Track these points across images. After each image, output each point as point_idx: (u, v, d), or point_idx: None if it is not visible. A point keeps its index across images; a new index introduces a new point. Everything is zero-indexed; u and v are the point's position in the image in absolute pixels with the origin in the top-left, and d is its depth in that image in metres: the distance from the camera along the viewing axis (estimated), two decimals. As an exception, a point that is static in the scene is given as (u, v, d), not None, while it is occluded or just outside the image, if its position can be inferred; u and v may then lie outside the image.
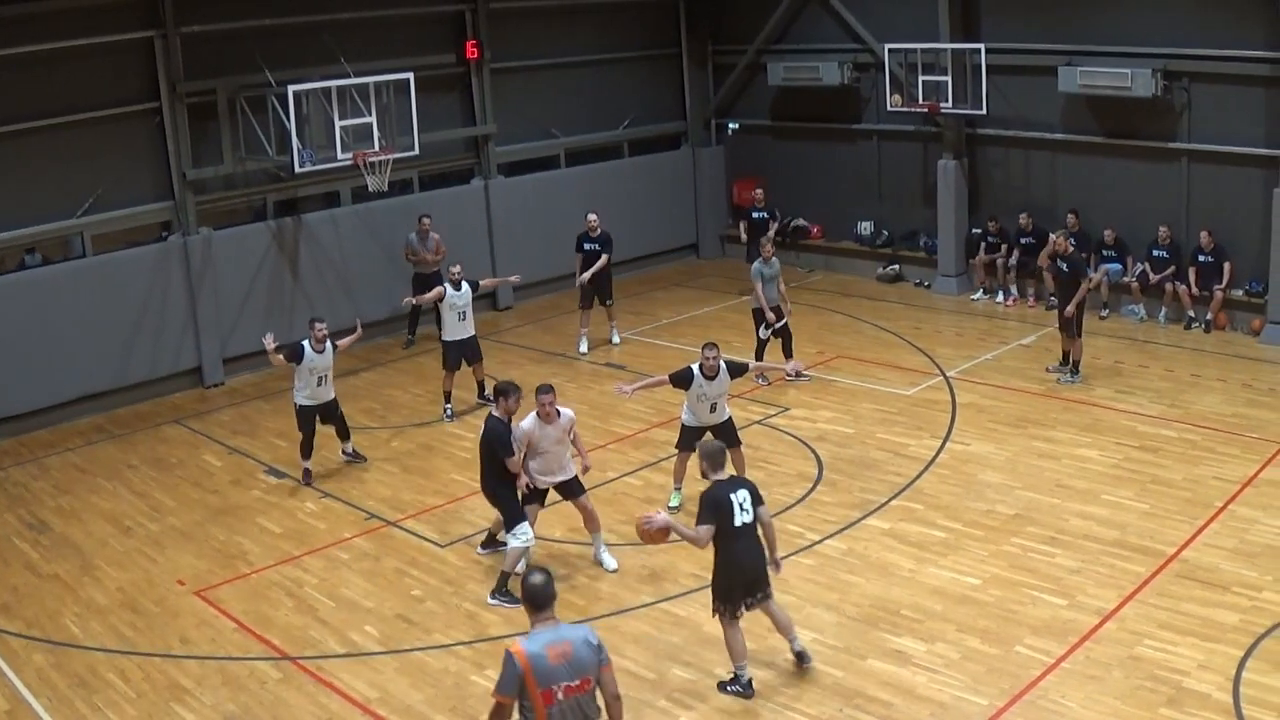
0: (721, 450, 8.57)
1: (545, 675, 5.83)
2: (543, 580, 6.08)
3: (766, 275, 14.99)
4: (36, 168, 14.87)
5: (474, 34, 18.95)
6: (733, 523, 8.10)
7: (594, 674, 5.97)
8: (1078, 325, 14.42)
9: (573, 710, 5.93)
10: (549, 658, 5.85)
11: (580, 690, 5.92)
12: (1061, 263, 14.55)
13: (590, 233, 16.81)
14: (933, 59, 18.25)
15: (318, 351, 12.52)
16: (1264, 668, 8.25)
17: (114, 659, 9.38)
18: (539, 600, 6.05)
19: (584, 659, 5.93)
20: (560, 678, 5.85)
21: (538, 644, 5.91)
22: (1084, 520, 10.79)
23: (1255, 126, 15.88)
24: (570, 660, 5.89)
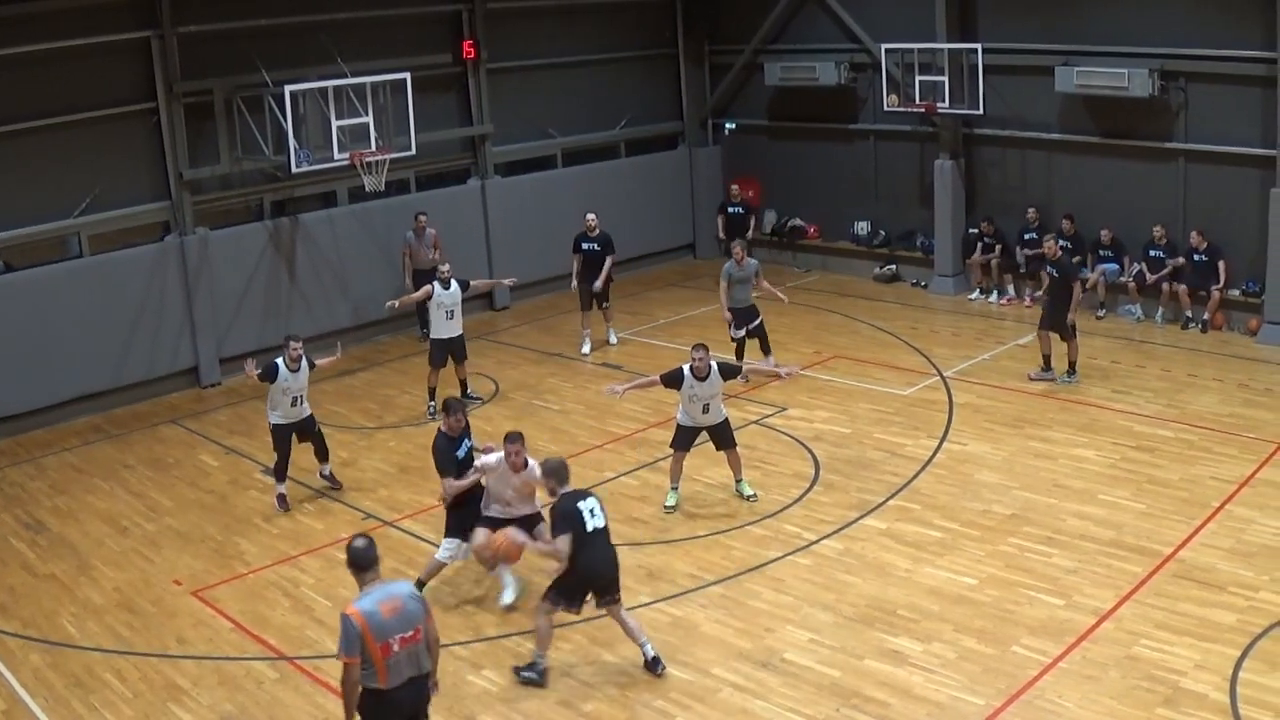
0: (564, 465, 8.72)
1: (381, 630, 6.37)
2: (365, 544, 6.61)
3: (735, 278, 15.06)
4: (33, 168, 14.85)
5: (471, 34, 18.95)
6: (585, 529, 8.37)
7: (424, 624, 6.54)
8: (1073, 327, 14.42)
9: (408, 660, 6.50)
10: (383, 613, 6.39)
11: (414, 640, 6.50)
12: (1051, 268, 14.57)
13: (589, 233, 16.67)
14: (929, 59, 18.26)
15: (292, 370, 11.84)
16: (1261, 668, 8.26)
17: (111, 659, 9.37)
18: (362, 562, 6.57)
19: (412, 611, 6.52)
20: (395, 630, 6.41)
21: (370, 602, 6.44)
22: (1081, 520, 10.80)
23: (1252, 126, 15.89)
24: (401, 613, 6.44)
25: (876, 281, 20.36)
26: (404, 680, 6.54)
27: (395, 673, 6.47)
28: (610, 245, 16.77)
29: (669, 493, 11.66)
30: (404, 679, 6.53)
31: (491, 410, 14.90)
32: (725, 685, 8.57)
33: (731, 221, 19.74)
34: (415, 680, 6.61)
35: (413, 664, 6.55)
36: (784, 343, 16.92)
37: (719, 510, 11.56)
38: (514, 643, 9.32)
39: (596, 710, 8.35)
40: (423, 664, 6.63)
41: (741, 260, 15.12)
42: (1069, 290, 14.31)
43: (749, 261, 15.23)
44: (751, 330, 15.17)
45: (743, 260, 15.13)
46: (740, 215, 19.77)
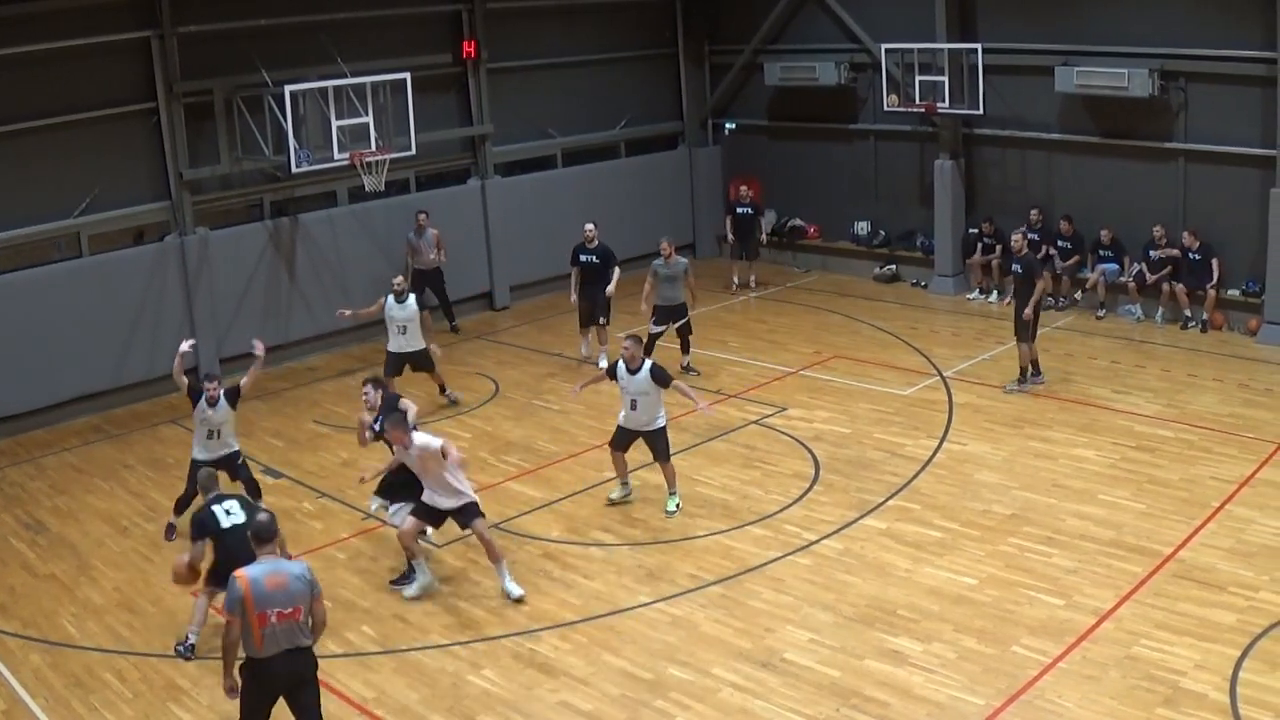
0: (211, 476, 9.47)
1: (261, 599, 6.82)
2: (267, 519, 7.20)
3: (661, 275, 15.13)
4: (33, 168, 14.84)
5: (471, 34, 18.95)
6: (221, 526, 8.93)
7: (305, 604, 6.97)
8: (1032, 330, 14.16)
9: (285, 634, 6.91)
10: (266, 585, 6.84)
11: (292, 617, 6.91)
12: (1016, 264, 14.39)
13: (587, 244, 15.91)
14: (929, 59, 18.26)
15: (210, 404, 11.10)
16: (1261, 668, 8.26)
17: (111, 659, 9.37)
18: (262, 535, 7.11)
19: (296, 590, 6.92)
20: (274, 603, 6.84)
21: (258, 572, 6.93)
22: (1081, 520, 10.80)
23: (1252, 126, 15.89)
24: (284, 589, 6.88)
25: (876, 281, 20.36)
26: (279, 650, 6.95)
27: (271, 642, 6.91)
28: (611, 257, 15.88)
29: (617, 485, 11.80)
30: (279, 649, 6.95)
31: (491, 410, 14.91)
32: (725, 685, 8.57)
33: (740, 222, 19.73)
34: (291, 653, 7.00)
35: (289, 638, 6.96)
36: (784, 343, 16.96)
37: (719, 510, 11.56)
38: (514, 643, 9.32)
39: (596, 710, 8.36)
40: (300, 639, 7.02)
41: (669, 257, 15.20)
42: (1032, 287, 14.04)
43: (677, 259, 15.29)
44: (679, 327, 15.21)
45: (670, 258, 15.21)
46: (749, 216, 19.74)
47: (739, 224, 19.74)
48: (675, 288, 15.20)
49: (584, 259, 15.92)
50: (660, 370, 11.32)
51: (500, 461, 13.17)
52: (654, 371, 11.24)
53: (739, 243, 19.87)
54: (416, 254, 17.68)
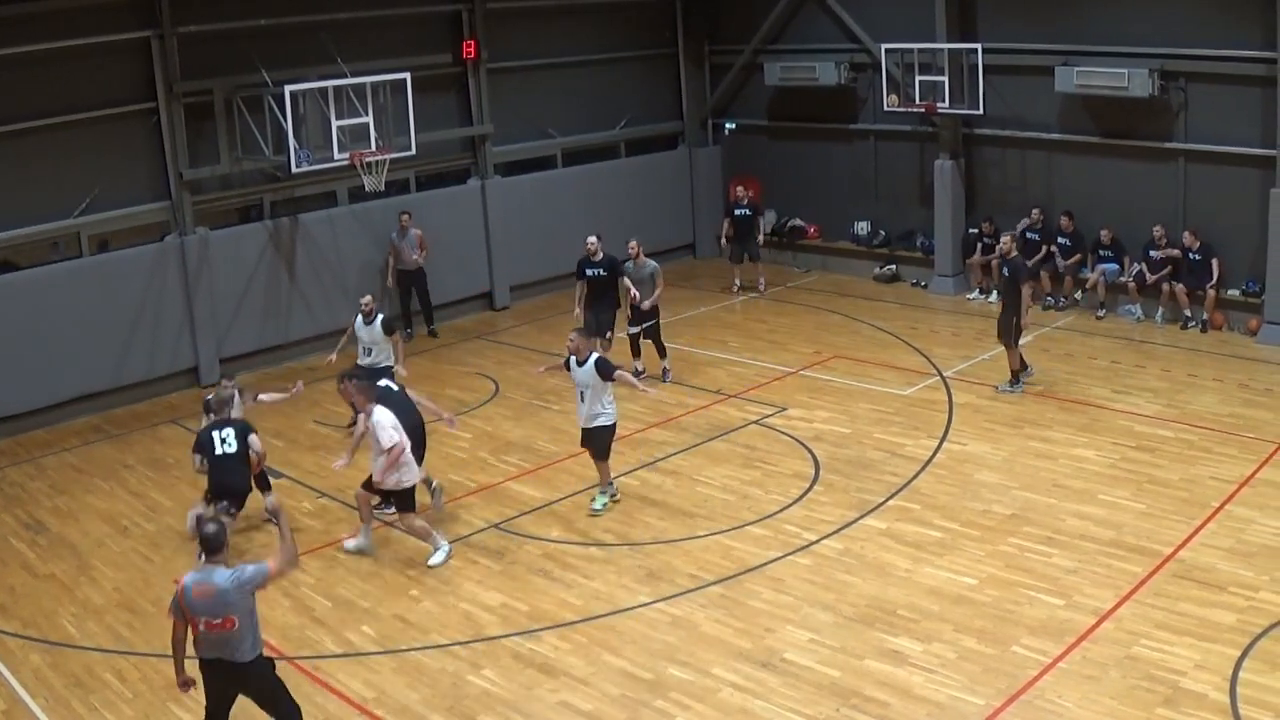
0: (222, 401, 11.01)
1: (191, 606, 6.98)
2: (214, 530, 7.17)
3: (631, 276, 15.11)
4: (33, 168, 14.85)
5: (471, 34, 18.95)
6: (214, 452, 10.46)
7: (240, 614, 6.97)
8: (1015, 333, 14.13)
9: (217, 642, 7.03)
10: (194, 593, 6.97)
11: (222, 628, 6.97)
12: (1003, 266, 14.40)
13: (591, 257, 15.20)
14: (929, 59, 18.26)
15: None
16: (1261, 668, 8.26)
17: (111, 659, 9.37)
18: (208, 546, 7.16)
19: (223, 601, 6.94)
20: (202, 612, 6.95)
21: (190, 580, 7.05)
22: (1081, 520, 10.80)
23: (1252, 126, 15.89)
24: (211, 599, 6.93)
25: (876, 281, 20.36)
26: (215, 657, 7.08)
27: (206, 646, 7.08)
28: (618, 268, 15.30)
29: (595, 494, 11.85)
30: (215, 656, 7.08)
31: (491, 410, 14.91)
32: (725, 685, 8.56)
33: (739, 224, 19.70)
34: (224, 663, 7.08)
35: (223, 648, 7.04)
36: (784, 343, 16.96)
37: (719, 510, 11.56)
38: (514, 643, 9.32)
39: (596, 710, 8.35)
40: (236, 653, 7.04)
41: (638, 258, 15.19)
42: (1017, 290, 14.01)
43: (646, 261, 15.25)
44: (646, 330, 15.21)
45: (639, 259, 15.20)
46: (748, 217, 19.70)
47: (737, 226, 19.71)
48: (645, 290, 15.11)
49: (590, 272, 15.28)
50: (604, 363, 11.33)
51: (500, 461, 13.17)
52: (598, 364, 11.27)
53: (738, 244, 19.82)
54: (399, 255, 17.64)
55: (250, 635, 7.08)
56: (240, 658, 7.06)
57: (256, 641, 7.15)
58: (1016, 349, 14.29)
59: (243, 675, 7.15)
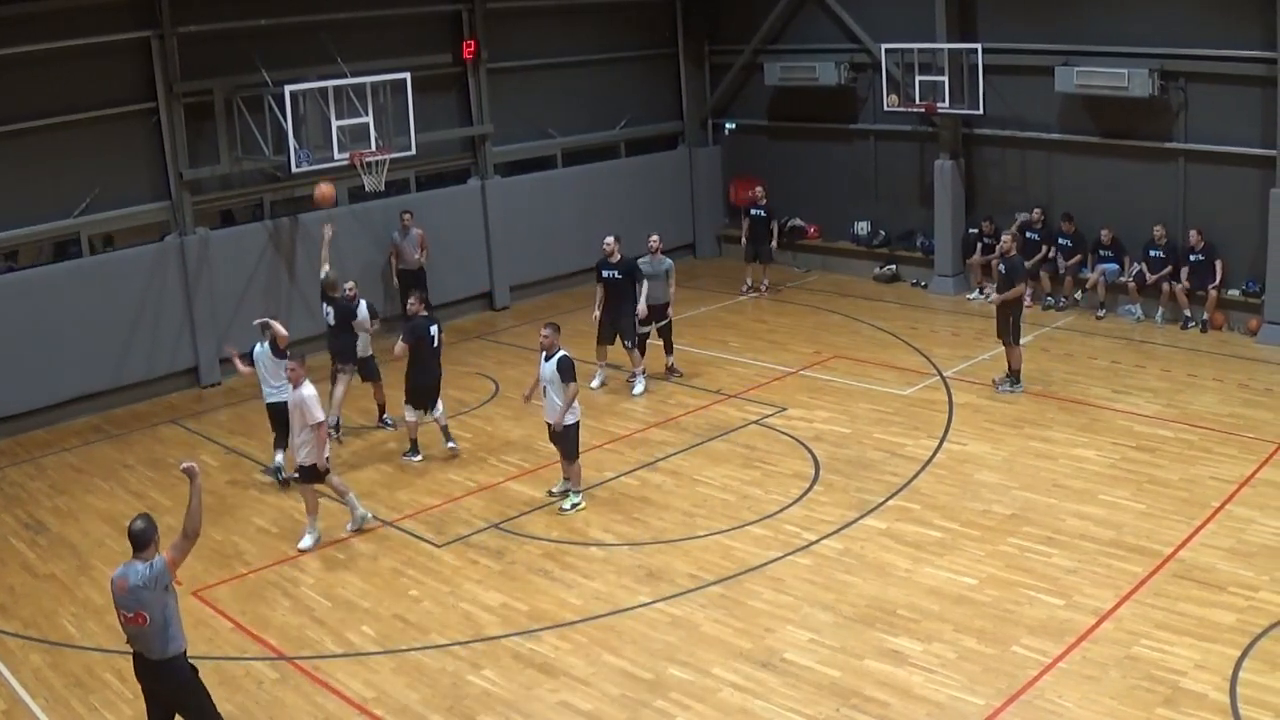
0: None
1: (114, 600, 7.09)
2: (141, 526, 7.07)
3: (645, 273, 15.02)
4: (33, 168, 14.85)
5: (471, 34, 18.95)
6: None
7: (153, 610, 6.94)
8: (1015, 333, 14.16)
9: (135, 637, 7.10)
10: (115, 588, 7.05)
11: (135, 622, 6.99)
12: (1001, 264, 14.39)
13: (609, 258, 14.84)
14: (929, 59, 18.26)
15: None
16: (1261, 668, 8.26)
17: (111, 659, 9.36)
18: (135, 542, 7.04)
19: (135, 598, 6.95)
20: (120, 606, 7.04)
21: (116, 573, 7.10)
22: (1081, 520, 10.80)
23: (1251, 126, 15.89)
24: (125, 594, 6.98)
25: (876, 281, 20.36)
26: (136, 651, 7.17)
27: (129, 639, 7.17)
28: (637, 271, 14.91)
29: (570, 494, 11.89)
30: (136, 649, 7.17)
31: (491, 410, 14.91)
32: (725, 685, 8.57)
33: (754, 224, 19.54)
34: (142, 658, 7.15)
35: (139, 642, 7.11)
36: (784, 343, 16.95)
37: (719, 510, 11.56)
38: (514, 643, 9.32)
39: (596, 710, 8.36)
40: (150, 650, 7.07)
41: (656, 254, 15.14)
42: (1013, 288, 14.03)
43: (662, 258, 15.21)
44: (660, 328, 15.18)
45: (657, 254, 15.15)
46: (763, 219, 19.48)
47: (753, 226, 19.50)
48: (659, 286, 15.05)
49: (607, 274, 14.86)
50: (566, 362, 11.33)
51: (500, 461, 13.17)
52: (560, 361, 11.32)
53: (751, 245, 19.64)
54: (400, 255, 17.59)
55: (162, 633, 7.03)
56: (152, 655, 7.08)
57: (172, 640, 7.09)
58: (1018, 347, 14.28)
59: (156, 672, 7.16)
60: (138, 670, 7.26)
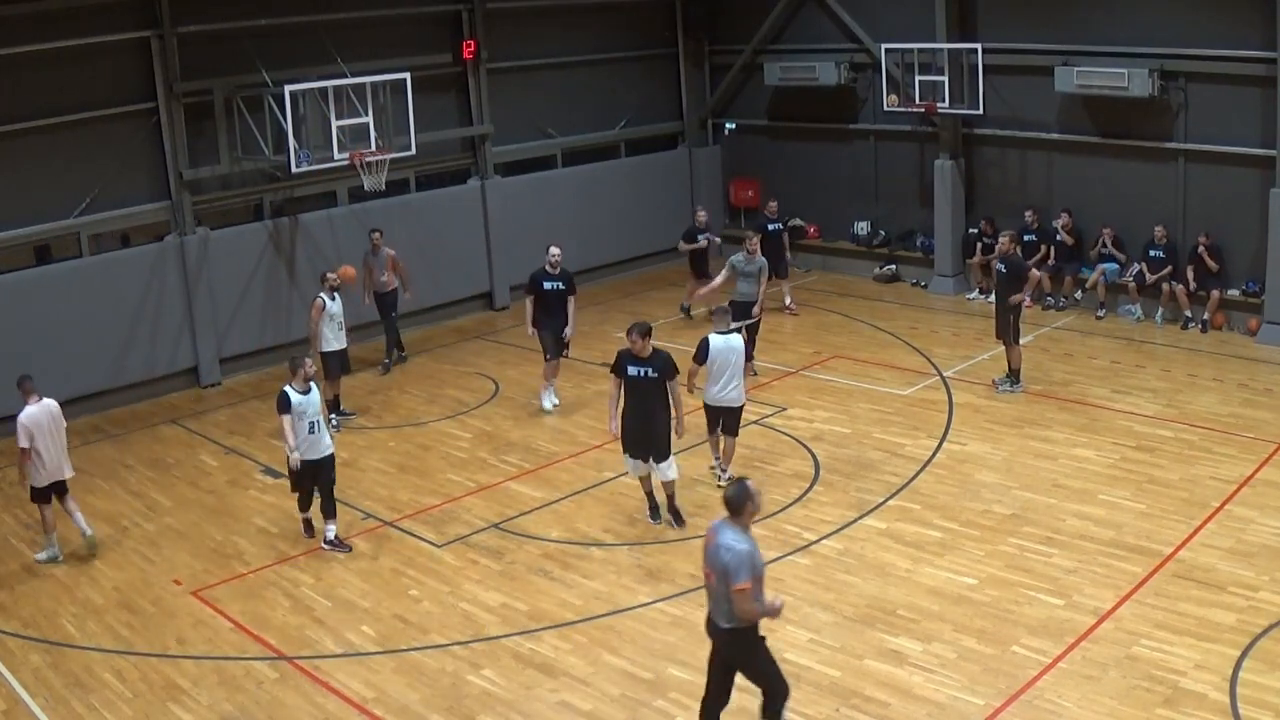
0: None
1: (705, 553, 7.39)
2: (733, 492, 7.31)
3: (741, 270, 15.02)
4: (34, 168, 14.86)
5: (471, 34, 18.95)
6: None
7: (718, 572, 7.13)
8: (1015, 332, 14.14)
9: (709, 596, 7.46)
10: (707, 542, 7.39)
11: (708, 581, 7.36)
12: (1001, 264, 14.30)
13: (551, 269, 14.29)
14: (929, 59, 18.27)
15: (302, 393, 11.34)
16: (1261, 667, 8.26)
17: (110, 659, 9.37)
18: (728, 506, 7.33)
19: (717, 558, 7.20)
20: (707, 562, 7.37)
21: (712, 527, 7.37)
22: (1081, 520, 10.80)
23: (1251, 126, 15.90)
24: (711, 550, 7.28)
25: (876, 281, 20.36)
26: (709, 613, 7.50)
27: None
28: (573, 283, 14.49)
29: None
30: (709, 611, 7.51)
31: (491, 410, 14.91)
32: (725, 685, 8.56)
33: (770, 239, 18.23)
34: (712, 623, 7.47)
35: (711, 604, 7.43)
36: (784, 343, 16.96)
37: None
38: (514, 643, 9.32)
39: (596, 710, 8.36)
40: (718, 612, 7.27)
41: (754, 253, 15.05)
42: (1018, 286, 13.96)
43: (759, 258, 15.16)
44: (747, 326, 15.10)
45: (755, 254, 15.06)
46: (779, 231, 18.72)
47: (768, 241, 17.73)
48: (751, 285, 15.00)
49: (550, 286, 14.25)
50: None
51: (500, 461, 13.17)
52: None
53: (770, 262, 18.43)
54: (372, 275, 16.29)
55: (725, 599, 7.21)
56: (718, 619, 7.37)
57: None
58: (1017, 346, 14.27)
59: (720, 637, 7.42)
60: (706, 628, 7.48)
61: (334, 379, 14.42)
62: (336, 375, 14.45)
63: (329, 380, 14.32)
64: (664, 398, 10.82)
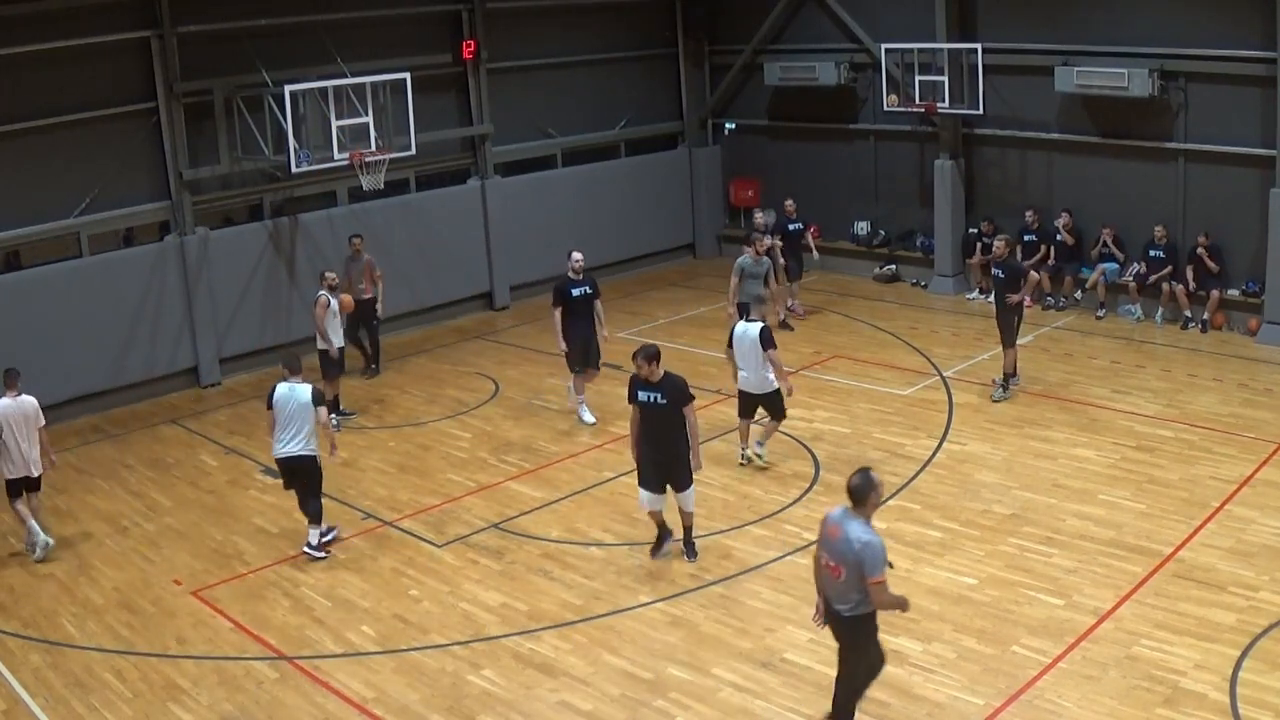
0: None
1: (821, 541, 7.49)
2: (857, 481, 7.22)
3: (749, 272, 14.99)
4: (34, 168, 14.86)
5: (471, 34, 18.96)
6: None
7: (847, 564, 7.15)
8: (1013, 333, 14.00)
9: (827, 584, 7.47)
10: (826, 532, 7.44)
11: (832, 572, 7.33)
12: (998, 269, 14.10)
13: (575, 275, 13.78)
14: (929, 59, 18.27)
15: None
16: (1261, 667, 8.26)
17: (110, 659, 9.37)
18: (850, 496, 7.31)
19: (840, 550, 7.19)
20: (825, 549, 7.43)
21: (831, 517, 7.41)
22: (1081, 520, 10.80)
23: (1251, 126, 15.90)
24: (834, 542, 7.30)
25: (876, 281, 20.37)
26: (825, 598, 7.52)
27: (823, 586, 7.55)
28: (597, 285, 14.00)
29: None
30: (825, 597, 7.54)
31: (491, 410, 14.91)
32: (725, 685, 8.57)
33: (790, 239, 18.37)
34: (830, 608, 7.49)
35: (831, 592, 7.41)
36: (785, 343, 16.81)
37: (719, 510, 11.56)
38: (514, 643, 9.32)
39: (596, 710, 8.36)
40: (838, 600, 7.34)
41: (760, 254, 15.03)
42: (1016, 289, 13.83)
43: (765, 259, 15.14)
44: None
45: (761, 255, 15.04)
46: (799, 230, 18.55)
47: (789, 240, 18.12)
48: (759, 286, 15.02)
49: (577, 293, 13.70)
50: (767, 331, 11.96)
51: (500, 461, 13.17)
52: (762, 333, 11.95)
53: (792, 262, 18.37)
54: (350, 282, 15.78)
55: (848, 591, 7.26)
56: (836, 606, 7.40)
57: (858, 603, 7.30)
58: (1014, 350, 14.18)
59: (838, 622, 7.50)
60: (824, 615, 7.52)
61: (333, 378, 14.41)
62: (336, 375, 14.44)
63: (328, 380, 14.32)
64: (679, 425, 10.19)
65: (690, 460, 10.25)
